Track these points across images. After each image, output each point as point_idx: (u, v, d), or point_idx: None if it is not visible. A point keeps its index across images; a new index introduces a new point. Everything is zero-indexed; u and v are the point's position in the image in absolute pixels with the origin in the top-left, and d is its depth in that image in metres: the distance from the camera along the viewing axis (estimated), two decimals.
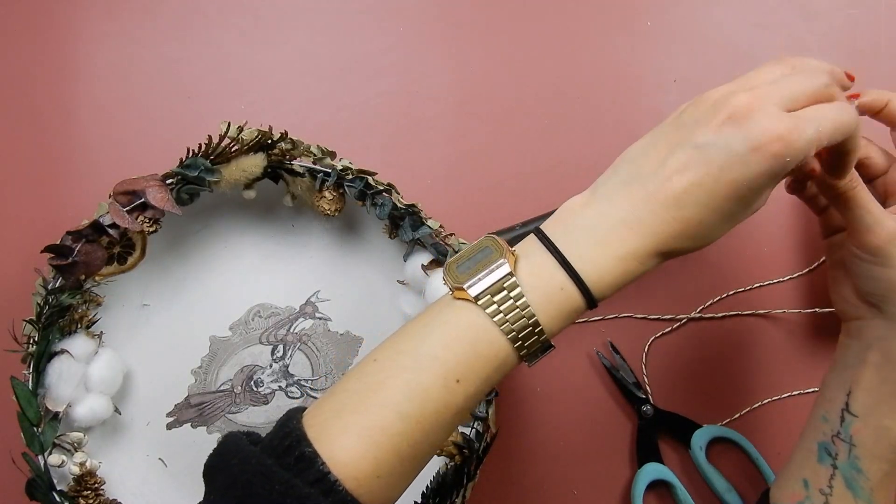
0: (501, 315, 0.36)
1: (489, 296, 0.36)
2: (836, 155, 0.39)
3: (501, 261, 0.37)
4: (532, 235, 0.39)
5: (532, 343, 0.37)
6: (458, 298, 0.37)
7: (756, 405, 0.58)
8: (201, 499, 0.35)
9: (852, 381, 0.43)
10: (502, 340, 0.36)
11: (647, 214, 0.36)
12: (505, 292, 0.36)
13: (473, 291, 0.37)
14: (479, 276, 0.37)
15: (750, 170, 0.34)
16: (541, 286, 0.37)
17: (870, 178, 0.46)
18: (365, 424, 0.34)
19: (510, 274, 0.36)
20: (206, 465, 0.36)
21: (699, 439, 0.56)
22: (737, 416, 0.58)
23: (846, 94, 0.41)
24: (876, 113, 0.45)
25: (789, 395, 0.58)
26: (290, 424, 0.35)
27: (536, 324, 0.36)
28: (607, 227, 0.37)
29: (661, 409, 0.57)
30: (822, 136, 0.35)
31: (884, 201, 0.45)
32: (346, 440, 0.34)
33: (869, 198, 0.41)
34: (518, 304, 0.36)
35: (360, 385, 0.36)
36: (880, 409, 0.42)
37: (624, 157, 0.39)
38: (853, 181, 0.41)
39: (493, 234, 0.56)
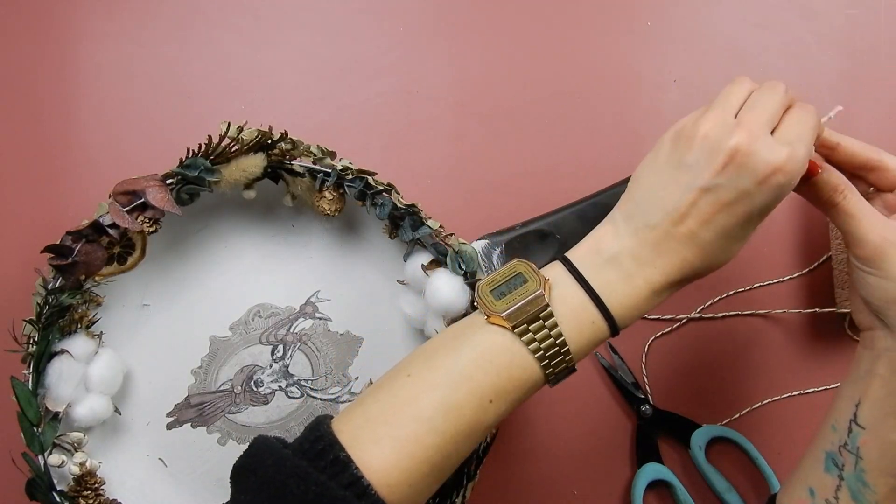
0: (536, 343, 0.38)
1: (525, 325, 0.38)
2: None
3: (539, 291, 0.39)
4: (559, 263, 0.41)
5: (561, 370, 0.39)
6: (493, 323, 0.39)
7: (756, 405, 0.58)
8: (205, 499, 0.35)
9: (862, 392, 0.43)
10: (535, 366, 0.38)
11: (666, 252, 0.39)
12: (540, 322, 0.38)
13: (511, 321, 0.39)
14: (517, 304, 0.39)
15: (759, 200, 0.38)
16: (572, 317, 0.39)
17: (883, 188, 0.45)
18: (398, 436, 0.36)
19: (547, 305, 0.38)
20: (235, 466, 0.37)
21: (699, 439, 0.56)
22: (737, 415, 0.58)
23: None
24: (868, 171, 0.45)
25: (789, 396, 0.58)
26: (321, 429, 0.37)
27: (567, 352, 0.39)
28: (630, 263, 0.39)
29: (661, 408, 0.57)
30: (809, 148, 0.39)
31: (889, 214, 0.44)
32: (379, 449, 0.36)
33: (859, 207, 0.42)
34: (552, 333, 0.38)
35: (392, 398, 0.38)
36: (887, 423, 0.41)
37: (634, 198, 0.41)
38: (842, 191, 0.42)
39: (492, 234, 0.56)
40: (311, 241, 0.57)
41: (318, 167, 0.51)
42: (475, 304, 0.41)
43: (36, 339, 0.48)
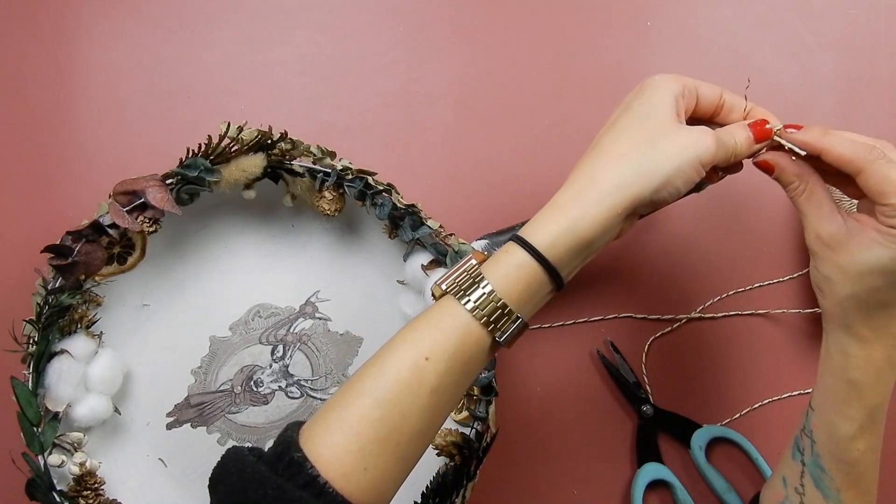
0: (462, 293, 0.39)
1: (453, 281, 0.40)
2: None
3: (469, 257, 0.41)
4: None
5: (497, 316, 0.39)
6: (436, 296, 0.41)
7: (756, 405, 0.58)
8: (205, 499, 0.36)
9: (818, 374, 0.44)
10: (462, 313, 0.39)
11: (587, 180, 0.40)
12: (466, 274, 0.40)
13: (447, 286, 0.40)
14: (452, 273, 0.40)
15: (643, 96, 0.43)
16: (501, 266, 0.40)
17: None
18: (344, 417, 0.36)
19: (475, 265, 0.40)
20: (210, 478, 0.38)
21: (699, 439, 0.56)
22: (737, 415, 0.58)
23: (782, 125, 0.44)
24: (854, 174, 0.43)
25: (789, 395, 0.58)
26: (285, 434, 0.37)
27: (497, 298, 0.39)
28: (561, 198, 0.41)
29: (662, 408, 0.57)
30: (700, 87, 0.43)
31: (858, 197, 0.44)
32: (330, 437, 0.36)
33: (812, 204, 0.42)
34: (477, 279, 0.39)
35: (344, 386, 0.39)
36: (826, 404, 0.43)
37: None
38: (795, 186, 0.42)
39: (492, 234, 0.56)
40: (310, 241, 0.57)
41: (317, 167, 0.51)
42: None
43: (36, 339, 0.48)
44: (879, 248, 0.39)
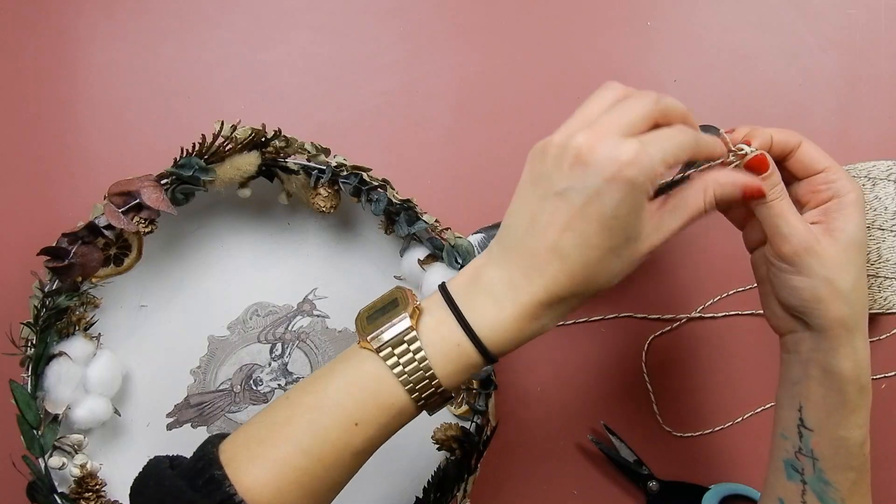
0: (400, 367, 0.38)
1: (390, 348, 0.38)
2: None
3: (403, 315, 0.39)
4: (437, 291, 0.40)
5: (430, 395, 0.38)
6: (364, 348, 0.39)
7: (759, 409, 0.58)
8: None
9: (801, 396, 0.43)
10: (400, 391, 0.38)
11: (533, 271, 0.38)
12: (405, 345, 0.38)
13: (375, 343, 0.38)
14: (383, 328, 0.39)
15: (609, 200, 0.36)
16: (439, 342, 0.38)
17: (800, 177, 0.44)
18: (271, 456, 0.37)
19: (411, 328, 0.38)
20: (131, 487, 0.38)
21: (710, 502, 0.55)
22: (739, 419, 0.58)
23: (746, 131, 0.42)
24: (782, 159, 0.43)
25: None
26: (206, 449, 0.38)
27: (433, 377, 0.38)
28: (501, 288, 0.38)
29: (667, 480, 0.56)
30: (667, 154, 0.37)
31: (800, 207, 0.43)
32: (253, 469, 0.37)
33: (787, 207, 0.41)
34: (416, 357, 0.38)
35: (270, 419, 0.39)
36: (831, 421, 0.42)
37: (505, 224, 0.40)
38: (775, 191, 0.41)
39: (488, 227, 0.56)
40: (307, 239, 0.57)
41: (312, 164, 0.51)
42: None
43: (34, 341, 0.48)
44: (853, 220, 0.40)
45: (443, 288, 0.40)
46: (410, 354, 0.38)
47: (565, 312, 0.39)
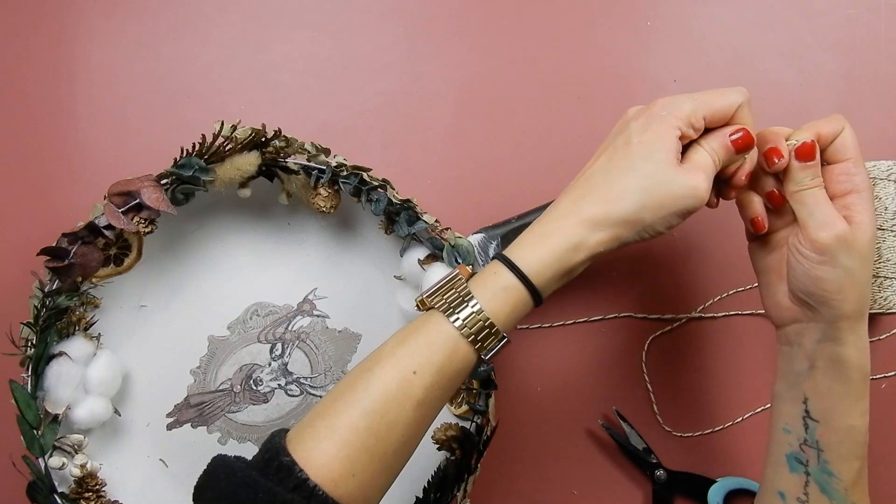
0: (452, 311, 0.40)
1: (441, 297, 0.41)
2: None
3: (455, 271, 0.42)
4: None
5: (484, 336, 0.40)
6: (421, 308, 0.42)
7: (759, 409, 0.58)
8: None
9: (805, 388, 0.43)
10: (451, 330, 0.40)
11: (588, 206, 0.41)
12: (454, 292, 0.41)
13: (432, 297, 0.41)
14: (437, 286, 0.42)
15: (632, 129, 0.42)
16: (489, 286, 0.41)
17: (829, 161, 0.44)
18: (333, 425, 0.38)
19: (461, 278, 0.41)
20: (195, 486, 0.39)
21: (716, 495, 0.55)
22: (739, 419, 0.58)
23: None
24: (822, 149, 0.43)
25: None
26: (272, 440, 0.38)
27: (480, 310, 0.40)
28: (547, 224, 0.42)
29: (674, 470, 0.56)
30: (688, 122, 0.42)
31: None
32: (319, 444, 0.37)
33: (825, 196, 0.42)
34: (471, 304, 0.40)
35: (330, 397, 0.40)
36: (839, 410, 0.42)
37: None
38: (815, 180, 0.42)
39: (488, 227, 0.56)
40: (307, 239, 0.57)
41: (312, 164, 0.51)
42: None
43: (34, 341, 0.48)
44: (871, 215, 0.41)
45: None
46: (461, 299, 0.40)
47: (604, 242, 0.41)
